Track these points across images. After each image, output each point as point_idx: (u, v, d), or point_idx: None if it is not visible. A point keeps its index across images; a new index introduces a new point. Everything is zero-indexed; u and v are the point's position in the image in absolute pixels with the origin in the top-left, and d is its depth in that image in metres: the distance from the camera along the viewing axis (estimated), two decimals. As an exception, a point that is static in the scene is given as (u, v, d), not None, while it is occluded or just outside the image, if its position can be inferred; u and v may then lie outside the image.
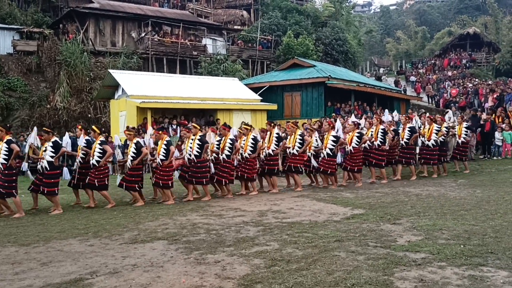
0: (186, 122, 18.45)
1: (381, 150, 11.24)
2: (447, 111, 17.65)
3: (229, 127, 10.50)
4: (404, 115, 13.07)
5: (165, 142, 9.36)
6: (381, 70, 53.49)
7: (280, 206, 8.16)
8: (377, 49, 65.60)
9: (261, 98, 21.32)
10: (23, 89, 22.58)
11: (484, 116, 16.37)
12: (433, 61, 42.05)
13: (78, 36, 24.98)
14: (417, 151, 12.47)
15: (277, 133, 10.52)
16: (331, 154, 10.59)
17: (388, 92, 24.09)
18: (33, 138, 9.80)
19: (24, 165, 10.24)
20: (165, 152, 9.29)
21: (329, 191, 10.16)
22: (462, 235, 5.49)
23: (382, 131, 11.32)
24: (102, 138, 9.31)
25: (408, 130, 11.63)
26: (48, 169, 8.55)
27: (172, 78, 22.13)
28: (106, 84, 20.21)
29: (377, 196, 9.04)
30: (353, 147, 10.90)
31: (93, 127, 9.66)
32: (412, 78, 37.54)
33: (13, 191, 8.21)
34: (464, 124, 12.93)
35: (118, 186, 9.62)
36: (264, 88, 22.11)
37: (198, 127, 9.89)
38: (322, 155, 10.70)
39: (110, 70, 20.01)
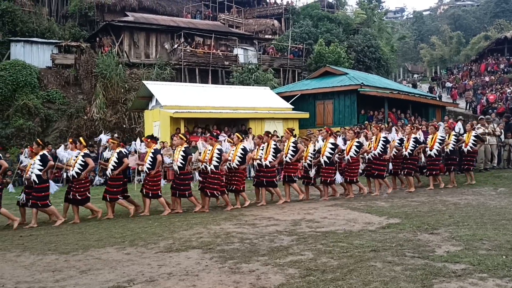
0: (219, 132, 18.64)
1: (382, 160, 10.78)
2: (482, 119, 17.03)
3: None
4: (409, 125, 12.57)
5: (152, 151, 9.25)
6: (415, 76, 52.57)
7: (314, 215, 8.09)
8: (411, 55, 64.52)
9: (292, 106, 21.31)
10: (61, 101, 23.36)
11: (524, 122, 15.79)
12: (469, 67, 41.01)
13: (113, 49, 25.67)
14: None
15: (274, 144, 10.21)
16: (329, 162, 10.19)
17: (423, 99, 23.64)
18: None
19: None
20: (151, 161, 9.18)
21: (363, 199, 10.01)
22: (504, 245, 5.30)
23: (384, 140, 10.85)
24: (86, 150, 9.14)
25: (413, 141, 11.21)
26: (37, 182, 8.51)
27: (205, 88, 22.41)
28: (140, 95, 20.68)
29: (413, 205, 8.85)
30: (350, 156, 10.44)
31: (80, 138, 9.39)
32: (448, 84, 36.72)
33: None
34: (473, 133, 12.23)
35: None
36: (296, 97, 22.09)
37: (185, 138, 9.61)
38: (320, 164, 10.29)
39: (144, 82, 20.47)
